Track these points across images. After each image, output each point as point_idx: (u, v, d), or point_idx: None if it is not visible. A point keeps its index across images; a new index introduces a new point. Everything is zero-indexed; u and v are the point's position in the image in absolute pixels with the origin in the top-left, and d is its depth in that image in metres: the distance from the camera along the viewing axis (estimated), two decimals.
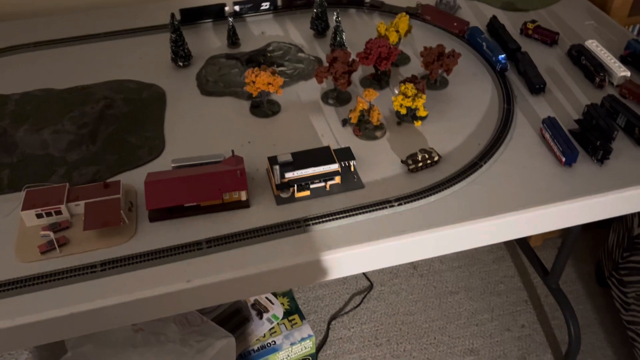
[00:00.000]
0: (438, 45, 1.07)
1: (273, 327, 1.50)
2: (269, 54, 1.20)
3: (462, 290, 1.77)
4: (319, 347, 1.61)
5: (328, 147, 0.93)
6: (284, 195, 0.90)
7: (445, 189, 0.89)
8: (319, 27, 1.24)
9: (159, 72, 1.16)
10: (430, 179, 0.92)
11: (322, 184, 0.90)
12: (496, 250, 1.89)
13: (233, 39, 1.22)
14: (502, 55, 1.10)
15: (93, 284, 0.78)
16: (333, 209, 0.87)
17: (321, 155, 0.91)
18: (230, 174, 0.87)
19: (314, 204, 0.89)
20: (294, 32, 1.28)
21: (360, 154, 0.96)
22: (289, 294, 1.60)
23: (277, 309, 1.53)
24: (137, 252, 0.81)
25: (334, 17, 1.16)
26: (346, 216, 0.86)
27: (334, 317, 1.70)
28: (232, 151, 0.91)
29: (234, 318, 1.47)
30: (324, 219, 0.85)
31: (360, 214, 0.86)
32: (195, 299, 0.80)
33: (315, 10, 1.22)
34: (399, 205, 0.87)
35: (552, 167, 0.94)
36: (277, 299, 1.56)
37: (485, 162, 0.93)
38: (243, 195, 0.88)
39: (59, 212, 0.84)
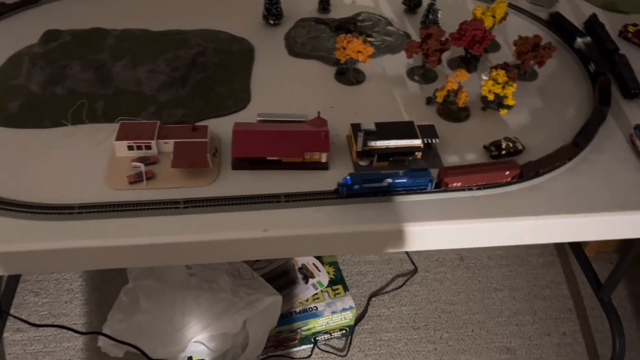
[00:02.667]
0: (535, 35, 1.05)
1: (317, 294, 1.53)
2: (358, 23, 1.19)
3: (506, 288, 1.75)
4: (357, 320, 1.63)
5: (412, 122, 0.94)
6: (362, 163, 0.91)
7: (526, 180, 0.88)
8: (412, 3, 1.23)
9: (250, 28, 1.18)
10: None
11: (402, 157, 0.91)
12: (546, 254, 1.86)
13: (324, 4, 1.23)
14: (347, 178, 0.83)
15: (175, 219, 0.81)
16: None
17: (405, 129, 0.92)
18: (314, 135, 0.89)
19: None
20: (384, 4, 1.28)
21: (441, 133, 0.96)
22: (334, 264, 1.62)
23: (322, 277, 1.55)
24: (219, 196, 0.84)
25: None
26: (423, 192, 0.86)
27: (374, 294, 1.71)
28: (319, 112, 0.92)
29: (282, 278, 1.50)
30: (401, 192, 0.86)
31: (437, 192, 0.86)
32: (268, 248, 0.83)
33: None
34: (477, 189, 0.87)
35: (639, 174, 0.92)
36: (323, 267, 1.58)
37: (569, 160, 0.92)
38: (323, 157, 0.90)
39: (148, 147, 0.88)
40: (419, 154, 0.91)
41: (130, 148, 0.88)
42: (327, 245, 0.85)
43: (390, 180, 0.83)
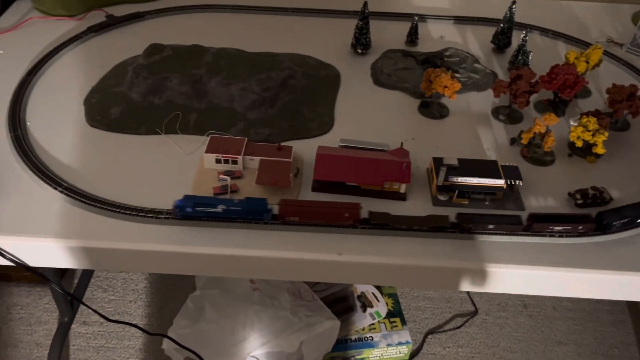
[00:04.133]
0: (631, 85, 1.02)
1: (374, 324, 1.52)
2: (445, 58, 1.20)
3: (571, 343, 1.67)
4: (412, 355, 1.60)
5: (495, 162, 0.93)
6: (442, 197, 0.90)
7: (612, 233, 0.85)
8: (501, 43, 1.23)
9: (338, 55, 1.21)
10: None
11: (483, 196, 0.90)
12: (617, 312, 1.76)
13: (412, 37, 1.24)
14: (180, 200, 0.83)
15: (255, 233, 0.83)
16: None
17: (488, 168, 0.91)
18: (396, 165, 0.90)
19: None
20: (472, 42, 1.28)
21: (524, 176, 0.94)
22: (394, 296, 1.61)
23: (381, 307, 1.54)
24: None
25: (521, 36, 1.14)
26: (502, 234, 0.85)
27: (431, 332, 1.68)
28: (402, 143, 0.93)
29: (340, 303, 1.50)
30: (479, 231, 0.85)
31: (517, 234, 0.84)
32: (339, 272, 0.84)
33: (502, 25, 1.21)
34: (559, 236, 0.84)
35: None
36: (382, 297, 1.57)
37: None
38: (402, 188, 0.90)
39: (235, 162, 0.91)
40: (499, 194, 0.89)
41: (218, 161, 0.91)
42: (398, 276, 0.85)
43: (224, 206, 0.82)
